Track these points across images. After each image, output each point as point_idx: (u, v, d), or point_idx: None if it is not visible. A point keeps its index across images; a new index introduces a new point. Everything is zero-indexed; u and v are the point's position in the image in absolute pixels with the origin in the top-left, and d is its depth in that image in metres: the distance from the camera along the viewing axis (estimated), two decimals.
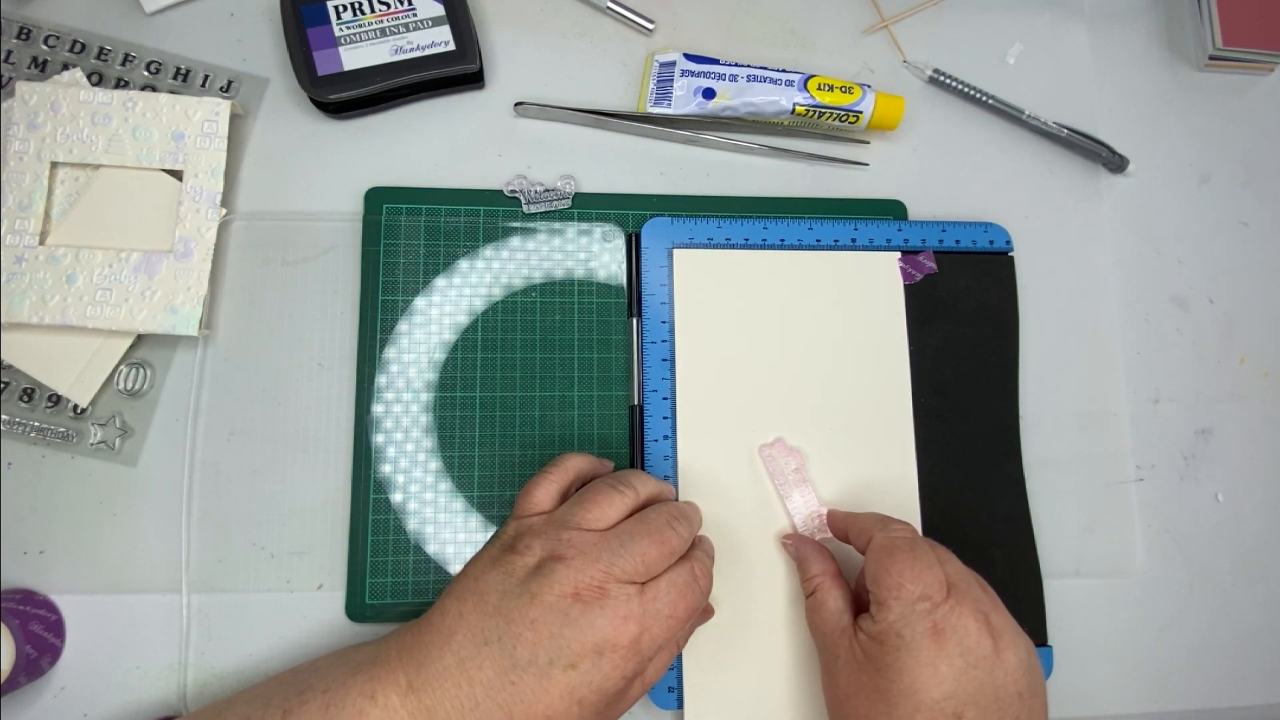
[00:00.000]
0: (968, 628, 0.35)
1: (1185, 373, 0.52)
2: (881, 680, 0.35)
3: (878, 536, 0.39)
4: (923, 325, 0.49)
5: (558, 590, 0.35)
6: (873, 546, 0.38)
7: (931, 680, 0.34)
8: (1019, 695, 0.35)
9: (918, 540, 0.38)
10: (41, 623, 0.41)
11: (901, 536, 0.38)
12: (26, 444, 0.44)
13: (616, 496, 0.38)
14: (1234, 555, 0.50)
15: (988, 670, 0.35)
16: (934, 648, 0.35)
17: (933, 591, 0.36)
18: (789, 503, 0.45)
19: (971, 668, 0.35)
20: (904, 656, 0.35)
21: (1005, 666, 0.35)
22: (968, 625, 0.35)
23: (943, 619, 0.35)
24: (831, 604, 0.39)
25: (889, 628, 0.36)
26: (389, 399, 0.45)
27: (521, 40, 0.51)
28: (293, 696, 0.35)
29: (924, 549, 0.37)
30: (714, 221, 0.49)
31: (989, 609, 0.37)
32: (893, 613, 0.36)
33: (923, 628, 0.35)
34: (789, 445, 0.46)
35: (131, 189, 0.45)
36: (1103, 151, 0.53)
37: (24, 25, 0.47)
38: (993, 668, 0.35)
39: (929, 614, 0.35)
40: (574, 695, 0.34)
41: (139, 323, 0.44)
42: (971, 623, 0.35)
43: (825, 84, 0.50)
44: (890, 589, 0.36)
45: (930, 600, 0.36)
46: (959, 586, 0.37)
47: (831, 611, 0.39)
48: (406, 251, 0.47)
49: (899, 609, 0.36)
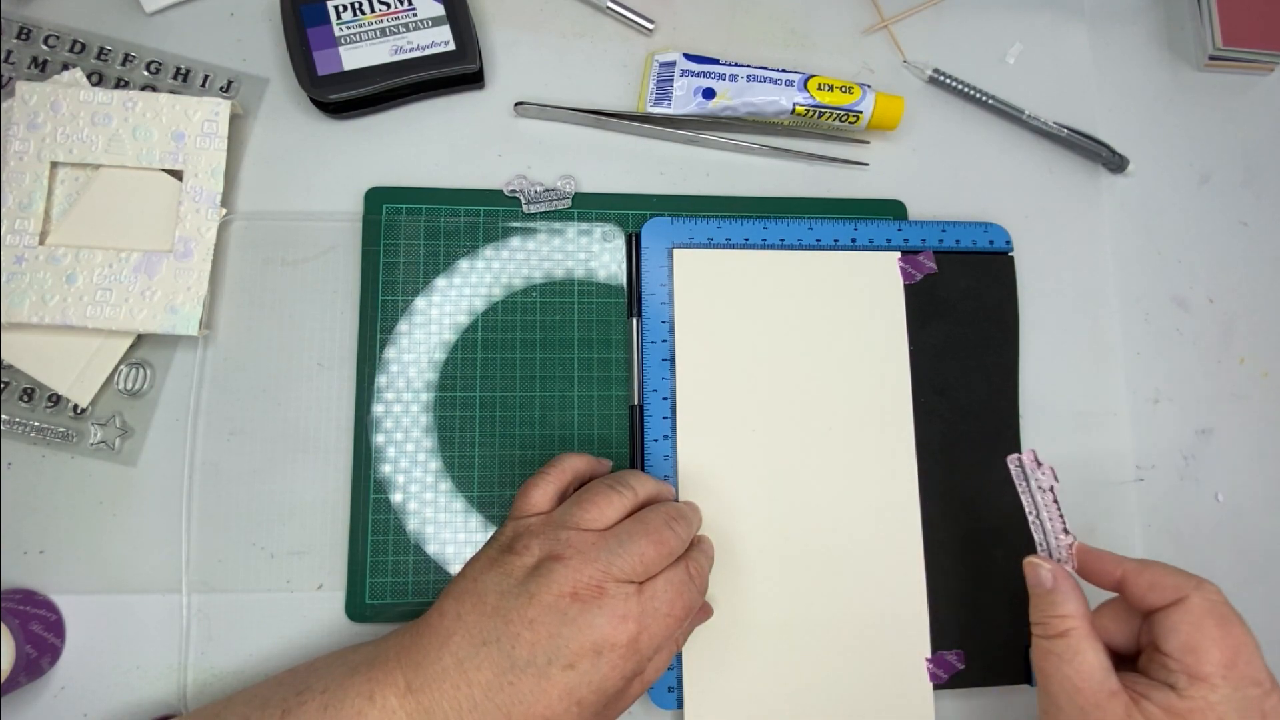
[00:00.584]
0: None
1: (1185, 373, 0.52)
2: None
3: (1197, 598, 0.34)
4: (923, 325, 0.49)
5: (556, 590, 0.35)
6: (1191, 608, 0.34)
7: None
8: None
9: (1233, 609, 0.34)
10: (41, 623, 0.41)
11: (1226, 604, 0.34)
12: (26, 444, 0.44)
13: (615, 497, 0.38)
14: (1234, 555, 0.50)
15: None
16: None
17: (1263, 677, 0.32)
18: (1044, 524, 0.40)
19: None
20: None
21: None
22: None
23: (1272, 710, 0.32)
24: (1093, 658, 0.35)
25: (1208, 708, 0.32)
26: (389, 399, 0.45)
27: (521, 40, 0.51)
28: (291, 697, 0.35)
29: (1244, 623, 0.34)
30: (714, 221, 0.49)
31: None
32: (1218, 692, 0.32)
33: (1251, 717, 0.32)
34: (1039, 459, 0.41)
35: (131, 189, 0.45)
36: (1103, 151, 0.53)
37: (24, 25, 0.47)
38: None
39: (1259, 702, 0.32)
40: (573, 695, 0.34)
41: (139, 323, 0.44)
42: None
43: (825, 84, 0.50)
44: (1220, 666, 0.32)
45: (1261, 688, 0.32)
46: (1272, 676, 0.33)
47: (1094, 668, 0.34)
48: (406, 251, 0.47)
49: (1227, 690, 0.32)
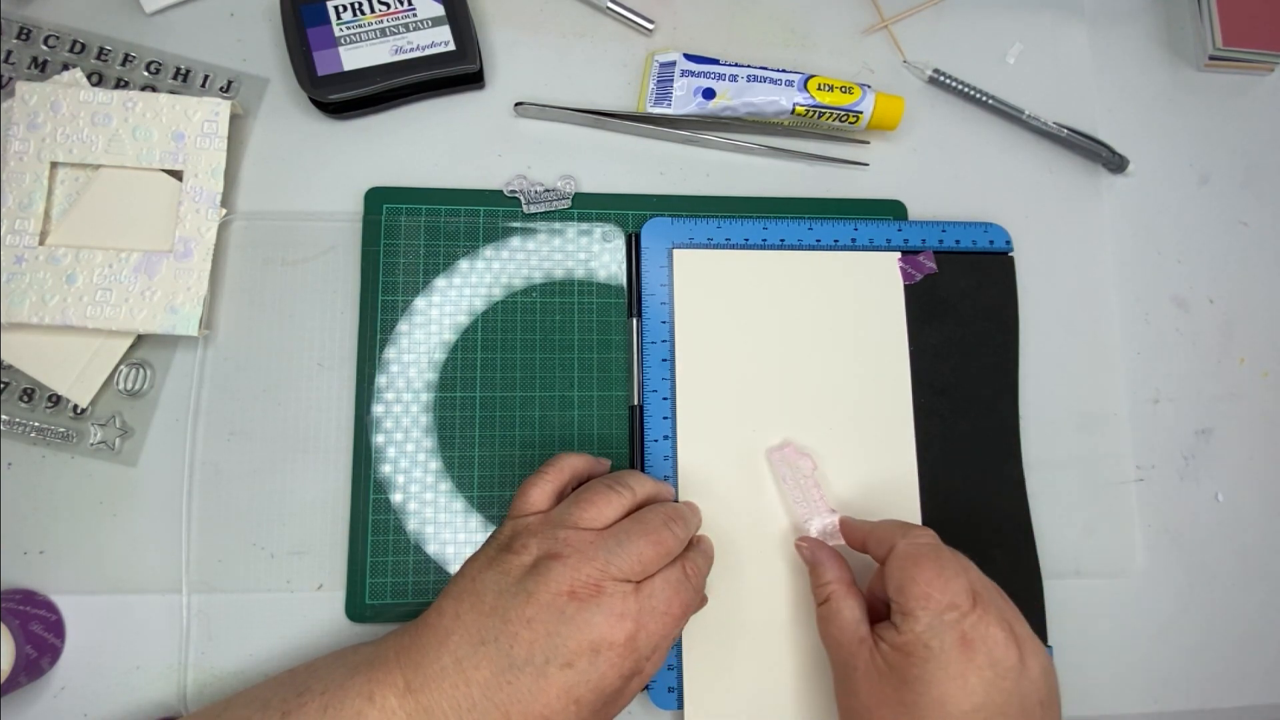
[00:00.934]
0: (995, 638, 0.35)
1: (1185, 373, 0.52)
2: (908, 693, 0.34)
3: (901, 544, 0.38)
4: (923, 325, 0.49)
5: (554, 589, 0.35)
6: (895, 554, 0.37)
7: (961, 692, 0.34)
8: (1041, 704, 0.35)
9: (942, 548, 0.38)
10: (41, 623, 0.41)
11: (926, 544, 0.38)
12: (26, 444, 0.44)
13: (614, 496, 0.38)
14: (1234, 555, 0.50)
15: (1015, 680, 0.34)
16: (963, 659, 0.34)
17: (960, 600, 0.35)
18: (799, 507, 0.45)
19: (1000, 679, 0.34)
20: (932, 668, 0.34)
21: (1030, 676, 0.35)
22: (995, 635, 0.35)
23: (971, 629, 0.34)
24: (847, 613, 0.38)
25: (916, 638, 0.35)
26: (389, 399, 0.45)
27: (521, 40, 0.51)
28: (291, 698, 0.35)
29: (949, 557, 0.37)
30: (714, 221, 0.49)
31: (1012, 618, 0.36)
32: (920, 623, 0.35)
33: (951, 638, 0.34)
34: (799, 449, 0.45)
35: (131, 189, 0.45)
36: (1103, 151, 0.52)
37: (24, 25, 0.47)
38: (1019, 678, 0.34)
39: (957, 624, 0.35)
40: (571, 694, 0.34)
41: (139, 323, 0.44)
42: (999, 632, 0.35)
43: (825, 84, 0.50)
44: (917, 598, 0.35)
45: (958, 610, 0.35)
46: (984, 595, 0.36)
47: (848, 621, 0.38)
48: (406, 251, 0.47)
49: (927, 619, 0.35)
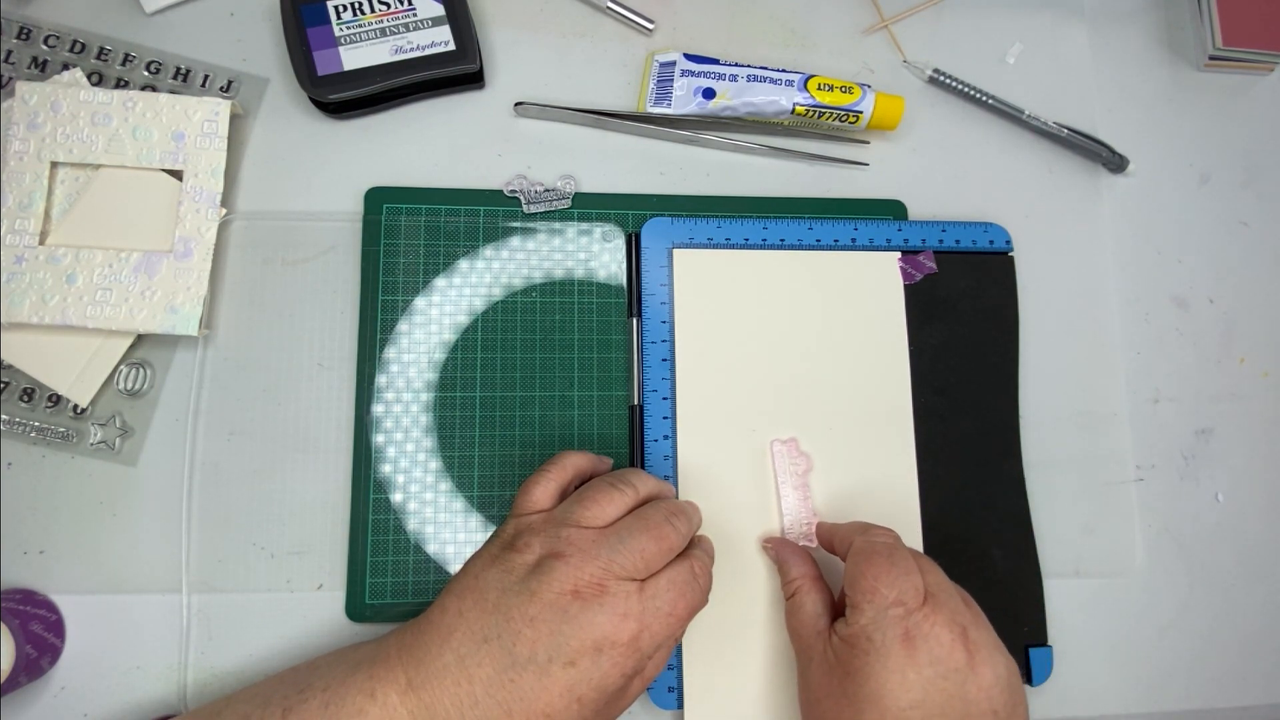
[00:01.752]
0: (940, 638, 0.35)
1: (1185, 373, 0.52)
2: (850, 684, 0.35)
3: (858, 541, 0.39)
4: (923, 325, 0.49)
5: (557, 588, 0.35)
6: (852, 550, 0.38)
7: (899, 687, 0.34)
8: (994, 713, 0.34)
9: (898, 546, 0.38)
10: (41, 623, 0.41)
11: (881, 542, 0.38)
12: (26, 444, 0.44)
13: (616, 494, 0.38)
14: (1234, 555, 0.50)
15: (959, 683, 0.34)
16: (904, 655, 0.34)
17: (907, 598, 0.35)
18: (784, 502, 0.45)
19: (941, 679, 0.34)
20: (873, 661, 0.34)
21: (979, 682, 0.34)
22: (940, 635, 0.35)
23: (915, 626, 0.35)
24: (809, 606, 0.39)
25: (860, 631, 0.35)
26: (389, 399, 0.45)
27: (521, 40, 0.51)
28: (292, 695, 0.35)
29: (903, 555, 0.37)
30: (714, 221, 0.49)
31: (968, 622, 0.36)
32: (865, 616, 0.35)
33: (894, 633, 0.35)
34: (801, 449, 0.46)
35: (131, 189, 0.45)
36: (1103, 151, 0.53)
37: (24, 25, 0.47)
38: (964, 681, 0.34)
39: (901, 620, 0.35)
40: (573, 693, 0.34)
41: (139, 323, 0.44)
42: (945, 633, 0.35)
43: (825, 84, 0.50)
44: (864, 592, 0.36)
45: (904, 606, 0.35)
46: (938, 597, 0.36)
47: (809, 614, 0.39)
48: (406, 251, 0.47)
49: (871, 613, 0.35)
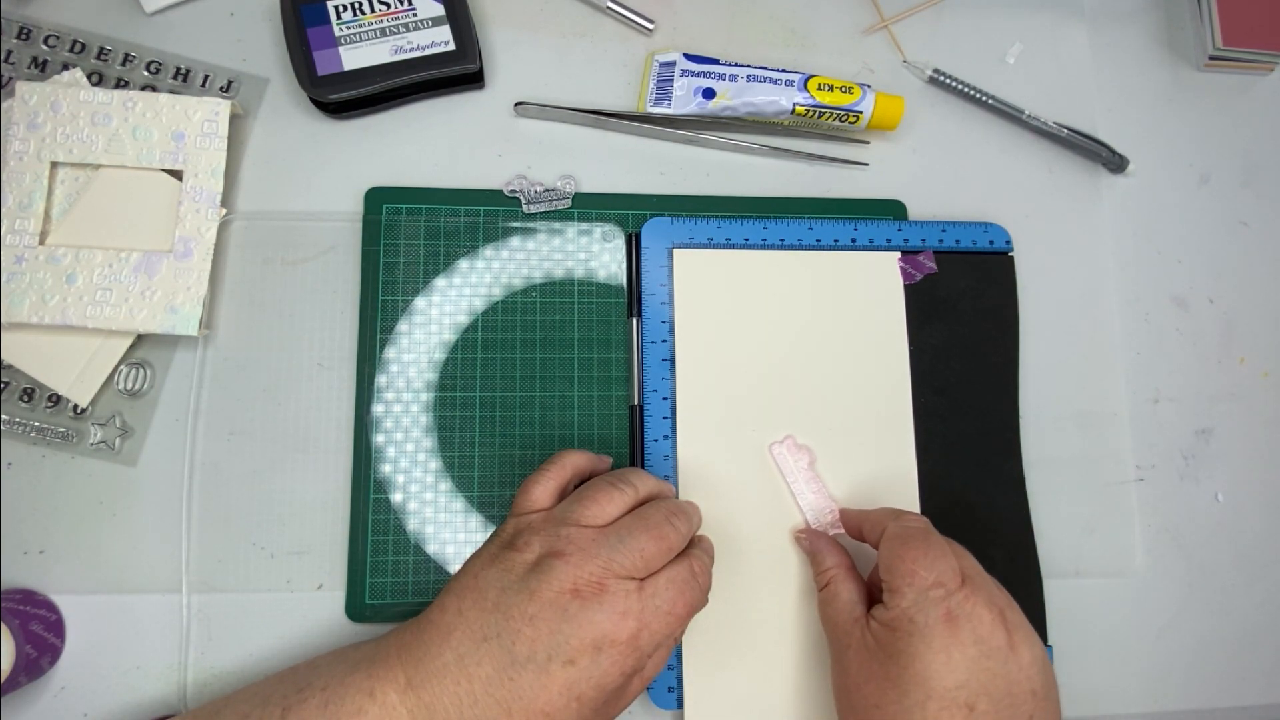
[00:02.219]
0: (982, 617, 0.35)
1: (1185, 373, 0.52)
2: (893, 667, 0.35)
3: (891, 526, 0.39)
4: (923, 325, 0.49)
5: (557, 587, 0.35)
6: (886, 536, 0.38)
7: (944, 667, 0.34)
8: (1033, 693, 0.35)
9: (932, 530, 0.39)
10: (41, 623, 0.41)
11: (915, 526, 0.38)
12: (26, 444, 0.44)
13: (616, 494, 0.38)
14: (1234, 555, 0.50)
15: (1001, 662, 0.35)
16: (947, 634, 0.34)
17: (946, 579, 0.36)
18: (801, 499, 0.45)
19: (985, 658, 0.34)
20: (916, 642, 0.35)
21: (1019, 661, 0.35)
22: (982, 615, 0.35)
23: (957, 606, 0.35)
24: (845, 595, 0.39)
25: (902, 614, 0.35)
26: (389, 399, 0.45)
27: (521, 40, 0.51)
28: (292, 694, 0.35)
29: (937, 539, 0.38)
30: (714, 221, 0.49)
31: (1004, 604, 0.36)
32: (906, 599, 0.36)
33: (936, 614, 0.35)
34: (798, 443, 0.46)
35: (131, 189, 0.45)
36: (1103, 151, 0.53)
37: (24, 25, 0.47)
38: (1006, 660, 0.35)
39: (943, 600, 0.35)
40: (572, 691, 0.34)
41: (139, 323, 0.44)
42: (985, 613, 0.35)
43: (825, 84, 0.50)
44: (904, 575, 0.36)
45: (944, 587, 0.35)
46: (974, 579, 0.36)
47: (845, 602, 0.39)
48: (406, 251, 0.47)
49: (912, 595, 0.36)
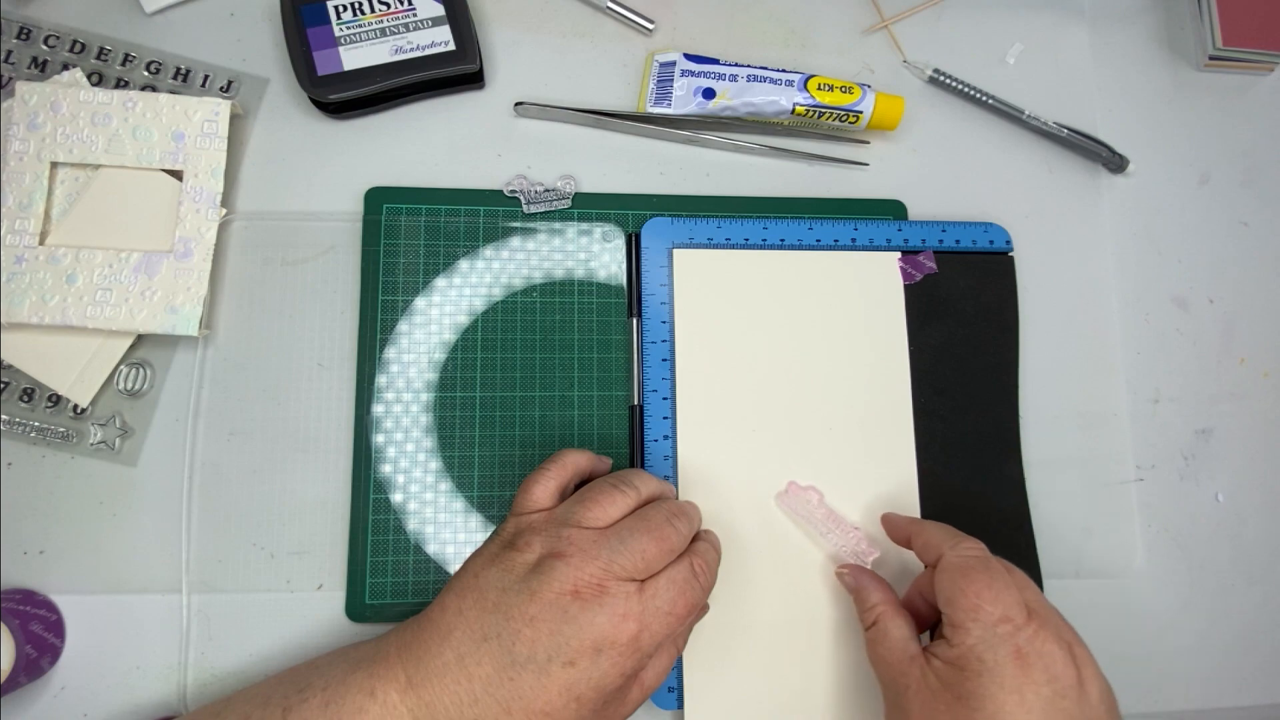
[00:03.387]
0: (1053, 654, 0.34)
1: (1185, 373, 0.52)
2: (962, 709, 0.33)
3: (949, 555, 0.37)
4: (923, 325, 0.49)
5: (557, 588, 0.35)
6: (944, 565, 0.37)
7: (1019, 708, 0.32)
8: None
9: (992, 560, 0.37)
10: (41, 623, 0.41)
11: (975, 556, 0.37)
12: (26, 444, 0.44)
13: (618, 496, 0.38)
14: (1234, 555, 0.50)
15: (1075, 702, 0.33)
16: (1019, 673, 0.33)
17: (1014, 614, 0.34)
18: (826, 541, 0.44)
19: (1059, 697, 0.33)
20: (987, 683, 0.33)
21: (1090, 699, 0.33)
22: (1053, 651, 0.34)
23: (1026, 643, 0.34)
24: (896, 633, 0.38)
25: (969, 651, 0.34)
26: (389, 399, 0.45)
27: (521, 40, 0.51)
28: (292, 694, 0.35)
29: (999, 569, 0.36)
30: (714, 221, 0.49)
31: (1071, 638, 0.35)
32: (972, 635, 0.34)
33: (1005, 651, 0.33)
34: (801, 485, 0.45)
35: (131, 189, 0.45)
36: (1103, 151, 0.53)
37: (24, 25, 0.47)
38: (1079, 699, 0.33)
39: (1011, 637, 0.34)
40: (572, 692, 0.34)
41: (139, 323, 0.44)
42: (1056, 649, 0.34)
43: (825, 84, 0.50)
44: (968, 610, 0.34)
45: (1011, 623, 0.34)
46: (1040, 613, 0.35)
47: (897, 640, 0.37)
48: (406, 251, 0.47)
49: (978, 631, 0.34)
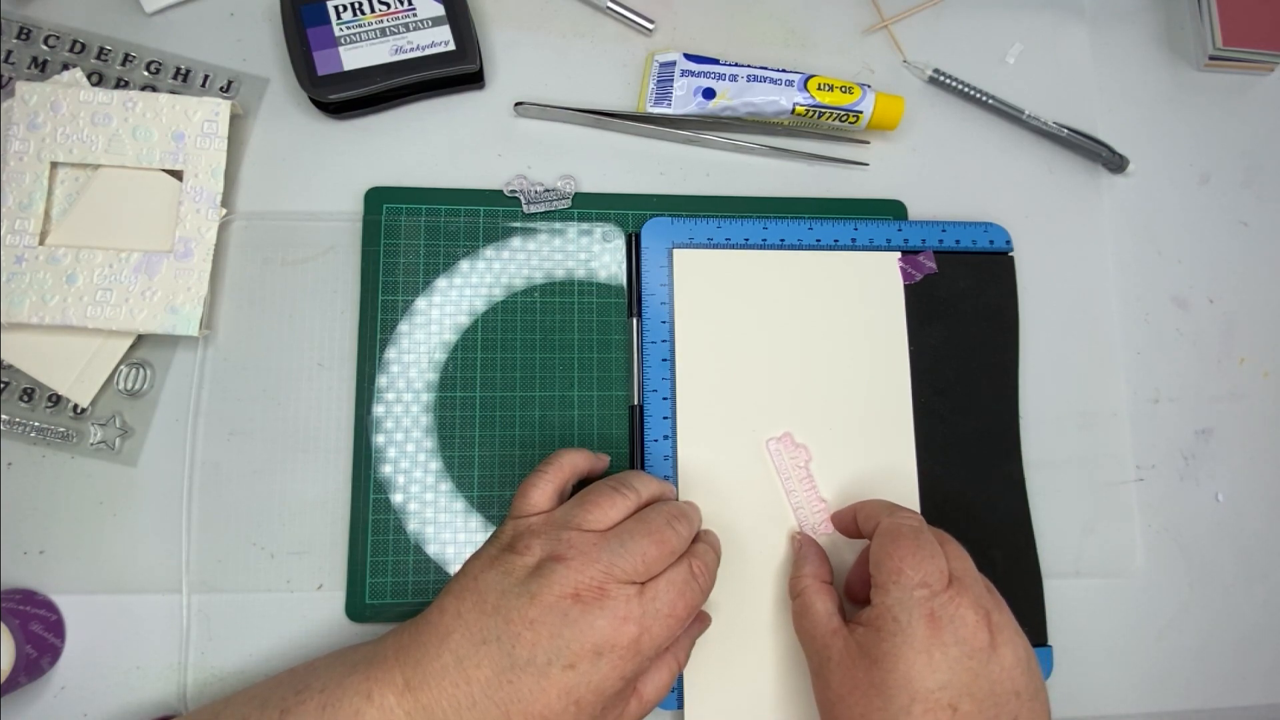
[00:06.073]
0: (965, 619, 0.35)
1: (1185, 373, 0.52)
2: (877, 672, 0.35)
3: (884, 521, 0.39)
4: (923, 325, 0.49)
5: (557, 590, 0.35)
6: (879, 531, 0.38)
7: (926, 668, 0.34)
8: (1016, 694, 0.35)
9: (924, 529, 0.38)
10: (41, 623, 0.41)
11: (907, 524, 0.38)
12: (26, 444, 0.44)
13: (618, 498, 0.38)
14: (1234, 555, 0.50)
15: (982, 662, 0.35)
16: (929, 634, 0.35)
17: (932, 580, 0.36)
18: (791, 496, 0.45)
19: (966, 658, 0.34)
20: (900, 643, 0.35)
21: (1001, 662, 0.35)
22: (965, 616, 0.35)
23: (940, 608, 0.35)
24: (819, 606, 0.39)
25: (885, 610, 0.36)
26: (389, 399, 0.45)
27: (521, 40, 0.51)
28: (290, 696, 0.35)
29: (928, 538, 0.37)
30: (714, 221, 0.49)
31: (990, 606, 0.36)
32: (890, 596, 0.36)
33: (919, 614, 0.35)
34: (796, 441, 0.46)
35: (131, 189, 0.45)
36: (1103, 151, 0.53)
37: (24, 25, 0.47)
38: (988, 660, 0.35)
39: (927, 601, 0.35)
40: (571, 695, 0.34)
41: (139, 323, 0.44)
42: (970, 614, 0.35)
43: (825, 84, 0.50)
44: (890, 573, 0.36)
45: (929, 588, 0.36)
46: (963, 580, 0.36)
47: (820, 613, 0.39)
48: (406, 251, 0.47)
49: (897, 593, 0.36)
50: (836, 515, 0.44)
